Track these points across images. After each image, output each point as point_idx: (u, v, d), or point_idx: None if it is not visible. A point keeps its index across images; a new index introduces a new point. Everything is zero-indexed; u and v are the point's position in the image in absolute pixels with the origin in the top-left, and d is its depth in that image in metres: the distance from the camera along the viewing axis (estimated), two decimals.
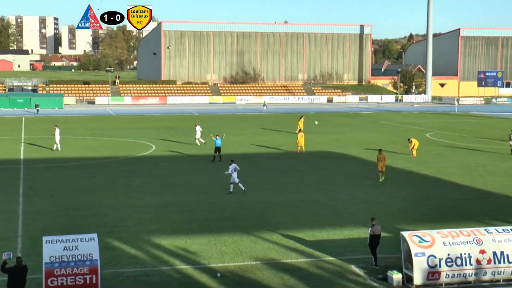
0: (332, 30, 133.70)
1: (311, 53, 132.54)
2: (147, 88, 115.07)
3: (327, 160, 46.05)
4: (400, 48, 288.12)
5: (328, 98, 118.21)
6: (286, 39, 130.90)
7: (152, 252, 23.09)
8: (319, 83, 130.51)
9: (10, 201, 30.86)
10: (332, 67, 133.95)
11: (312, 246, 23.89)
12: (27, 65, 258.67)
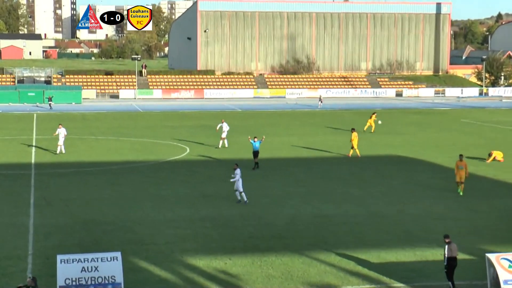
0: (402, 10, 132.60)
1: (377, 37, 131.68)
2: (180, 79, 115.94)
3: (396, 166, 45.68)
4: (486, 30, 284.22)
5: (396, 92, 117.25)
6: (346, 21, 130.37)
7: (186, 274, 23.23)
8: (386, 74, 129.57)
9: (19, 213, 31.44)
10: (402, 54, 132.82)
11: (377, 269, 23.72)
12: (40, 52, 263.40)
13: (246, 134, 61.29)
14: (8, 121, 72.38)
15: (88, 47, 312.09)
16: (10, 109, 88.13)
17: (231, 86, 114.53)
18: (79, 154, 49.81)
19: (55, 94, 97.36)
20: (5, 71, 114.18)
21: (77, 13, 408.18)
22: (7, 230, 28.48)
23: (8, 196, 35.10)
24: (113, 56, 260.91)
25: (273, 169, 43.90)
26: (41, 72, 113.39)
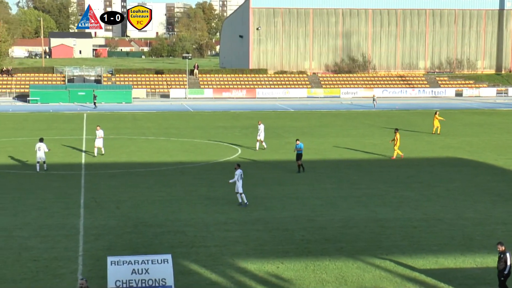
0: (463, 6, 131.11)
1: (436, 34, 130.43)
2: (231, 78, 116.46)
3: (456, 168, 45.28)
4: None
5: (456, 91, 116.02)
6: (404, 18, 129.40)
7: (237, 278, 23.40)
8: (446, 73, 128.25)
9: (70, 214, 32.02)
10: (462, 52, 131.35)
11: (435, 275, 23.58)
12: (90, 51, 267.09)
13: (299, 135, 61.39)
14: (59, 121, 73.59)
15: (138, 46, 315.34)
16: (61, 108, 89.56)
17: (284, 86, 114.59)
18: (129, 154, 50.46)
19: (105, 94, 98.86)
20: (55, 70, 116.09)
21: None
22: (58, 231, 29.03)
23: (59, 197, 35.75)
24: (164, 54, 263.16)
25: (327, 171, 43.88)
26: (91, 71, 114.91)
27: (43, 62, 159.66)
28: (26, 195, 36.07)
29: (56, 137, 59.20)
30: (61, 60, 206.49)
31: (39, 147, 43.34)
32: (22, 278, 23.10)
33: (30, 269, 23.98)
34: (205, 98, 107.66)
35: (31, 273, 23.64)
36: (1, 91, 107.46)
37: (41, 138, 44.70)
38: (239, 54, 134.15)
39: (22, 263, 24.58)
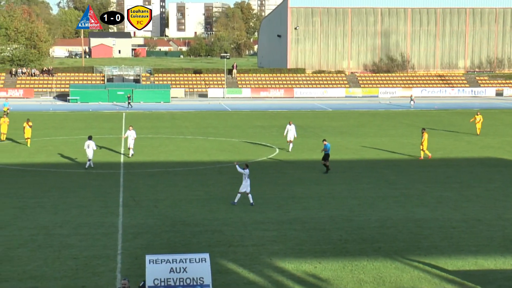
0: (504, 4, 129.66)
1: (476, 33, 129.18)
2: (269, 78, 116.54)
3: (496, 169, 44.84)
4: None
5: (497, 91, 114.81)
6: (443, 17, 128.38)
7: (274, 277, 23.43)
8: (486, 72, 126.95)
9: (109, 213, 32.30)
10: (503, 51, 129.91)
11: (474, 277, 23.38)
12: (129, 50, 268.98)
13: (337, 134, 61.30)
14: (98, 120, 74.24)
15: (176, 45, 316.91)
16: (100, 108, 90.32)
17: (322, 85, 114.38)
18: (167, 154, 50.74)
19: (144, 94, 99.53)
20: (95, 70, 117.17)
21: (166, 11, 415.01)
22: (97, 229, 29.31)
23: (98, 195, 36.08)
24: (202, 54, 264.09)
25: (364, 171, 43.73)
26: (130, 71, 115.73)
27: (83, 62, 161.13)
28: (66, 193, 36.46)
29: (95, 136, 59.63)
30: (101, 60, 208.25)
31: (88, 144, 44.05)
32: (62, 276, 23.36)
33: (70, 267, 24.24)
34: (243, 97, 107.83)
35: (71, 271, 23.90)
36: (42, 91, 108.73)
37: (89, 136, 45.44)
38: (277, 54, 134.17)
39: (62, 261, 24.86)
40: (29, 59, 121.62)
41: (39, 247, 26.51)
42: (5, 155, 49.32)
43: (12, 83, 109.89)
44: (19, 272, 23.66)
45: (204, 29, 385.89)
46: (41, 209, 32.96)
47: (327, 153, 43.07)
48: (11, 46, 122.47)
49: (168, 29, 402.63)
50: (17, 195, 35.98)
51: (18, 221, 30.54)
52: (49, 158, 48.28)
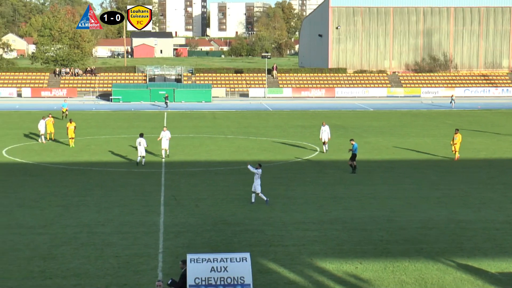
0: None
1: None
2: (310, 77, 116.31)
3: None
4: None
5: None
6: (487, 15, 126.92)
7: (315, 278, 23.39)
8: None
9: (150, 212, 32.52)
10: None
11: None
12: (171, 50, 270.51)
13: (378, 134, 61.01)
14: (140, 119, 74.73)
15: (218, 45, 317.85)
16: (142, 107, 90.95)
17: (363, 85, 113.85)
18: (209, 153, 50.92)
19: (185, 93, 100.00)
20: (137, 70, 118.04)
21: (207, 11, 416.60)
22: (138, 228, 29.53)
23: (140, 194, 36.35)
24: (243, 54, 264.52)
25: (406, 171, 43.44)
26: (172, 71, 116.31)
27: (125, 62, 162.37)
28: (109, 192, 36.78)
29: (137, 135, 60.07)
30: (143, 60, 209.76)
31: (140, 142, 44.62)
32: (104, 274, 23.58)
33: (112, 265, 24.46)
34: (284, 97, 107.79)
35: (113, 269, 24.11)
36: (85, 90, 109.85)
37: (141, 134, 46.00)
38: (318, 53, 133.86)
39: (104, 259, 25.09)
40: (72, 59, 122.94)
41: (82, 245, 26.79)
42: (49, 154, 49.93)
43: (56, 83, 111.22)
44: (63, 269, 23.94)
45: (245, 29, 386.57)
46: (84, 207, 33.32)
47: (355, 153, 42.87)
48: (55, 46, 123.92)
49: (210, 29, 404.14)
50: (61, 193, 36.42)
51: (62, 219, 30.91)
52: (92, 157, 48.76)
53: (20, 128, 65.38)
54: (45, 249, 26.30)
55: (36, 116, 75.76)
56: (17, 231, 28.93)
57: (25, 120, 72.38)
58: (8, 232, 28.67)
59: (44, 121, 56.09)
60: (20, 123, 69.70)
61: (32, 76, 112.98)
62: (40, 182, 39.57)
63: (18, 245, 26.89)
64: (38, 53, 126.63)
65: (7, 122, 70.55)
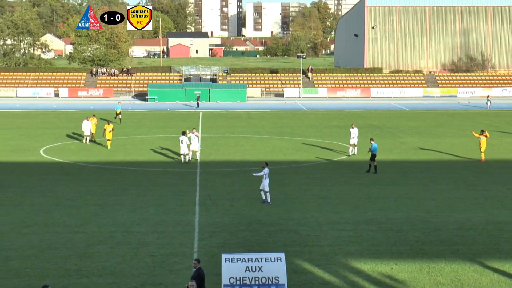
0: None
1: None
2: (346, 77, 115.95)
3: None
4: None
5: None
6: None
7: (350, 278, 23.32)
8: None
9: (185, 211, 32.65)
10: None
11: None
12: (206, 50, 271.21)
13: (414, 134, 60.68)
14: (175, 119, 75.03)
15: (253, 45, 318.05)
16: (177, 107, 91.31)
17: (399, 85, 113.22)
18: (243, 153, 50.98)
19: (220, 93, 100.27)
20: (172, 70, 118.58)
21: (243, 11, 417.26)
22: (174, 227, 29.66)
23: (175, 194, 36.50)
24: (278, 54, 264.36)
25: (442, 172, 43.12)
26: (207, 70, 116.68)
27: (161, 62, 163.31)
28: (144, 192, 36.99)
29: (172, 135, 60.39)
30: (178, 60, 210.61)
31: (182, 140, 45.01)
32: (140, 273, 23.73)
33: (148, 264, 24.60)
34: (319, 97, 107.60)
35: (148, 268, 24.25)
36: (121, 90, 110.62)
37: (183, 132, 46.30)
38: (354, 53, 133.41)
39: (139, 258, 25.24)
40: (109, 59, 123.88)
41: (118, 244, 26.98)
42: (85, 153, 50.37)
43: (93, 83, 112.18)
44: (99, 268, 24.13)
45: (281, 29, 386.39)
46: (120, 206, 33.55)
47: (374, 154, 42.72)
48: (92, 47, 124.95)
49: (245, 29, 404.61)
50: (97, 193, 36.71)
51: (98, 218, 31.16)
52: (127, 157, 49.08)
53: (57, 127, 66.06)
54: (81, 248, 26.54)
55: (73, 116, 76.59)
56: (55, 229, 29.23)
57: (62, 120, 73.11)
58: (45, 231, 28.98)
59: (89, 122, 55.45)
60: (57, 123, 70.41)
61: (69, 76, 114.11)
62: (77, 181, 39.94)
63: (56, 243, 27.17)
64: (75, 53, 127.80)
65: (45, 122, 71.29)
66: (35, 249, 26.42)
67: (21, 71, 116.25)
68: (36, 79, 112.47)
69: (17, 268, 24.15)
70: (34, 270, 23.96)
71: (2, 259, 25.10)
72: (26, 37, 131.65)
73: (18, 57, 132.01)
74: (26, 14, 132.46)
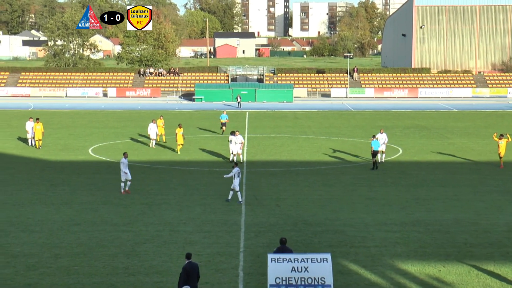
0: None
1: None
2: (393, 77, 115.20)
3: None
4: None
5: None
6: None
7: (397, 280, 23.16)
8: None
9: (231, 211, 32.74)
10: None
11: None
12: (253, 50, 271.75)
13: (463, 135, 60.06)
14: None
15: (300, 45, 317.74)
16: (224, 107, 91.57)
17: (447, 85, 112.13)
18: (290, 153, 50.94)
19: (267, 93, 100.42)
20: (219, 70, 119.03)
21: (289, 11, 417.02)
22: (220, 227, 29.76)
23: (221, 194, 36.55)
24: (325, 54, 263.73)
25: (491, 173, 42.58)
26: (254, 71, 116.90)
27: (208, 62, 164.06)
28: (191, 191, 37.18)
29: (219, 134, 60.62)
30: (225, 60, 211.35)
31: (231, 139, 45.06)
32: None
33: None
34: (366, 97, 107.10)
35: None
36: (168, 90, 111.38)
37: (232, 132, 46.38)
38: (402, 53, 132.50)
39: None
40: (156, 59, 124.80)
41: (165, 243, 27.16)
42: (133, 152, 50.75)
43: (140, 83, 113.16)
44: (146, 266, 24.33)
45: (328, 29, 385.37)
46: (167, 205, 33.77)
47: (374, 151, 43.56)
48: (140, 47, 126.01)
49: (292, 29, 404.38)
50: (144, 191, 37.01)
51: (145, 217, 31.41)
52: (174, 156, 49.36)
53: (106, 127, 66.75)
54: (128, 246, 26.78)
55: (121, 116, 77.34)
56: (102, 228, 29.55)
57: (110, 120, 73.85)
58: (94, 229, 29.31)
59: (155, 124, 53.44)
60: (105, 122, 71.15)
61: (117, 76, 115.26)
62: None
63: (103, 241, 27.46)
64: (123, 53, 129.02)
65: (93, 121, 72.08)
66: (83, 247, 26.74)
67: (70, 71, 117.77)
68: (85, 79, 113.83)
69: (67, 266, 24.47)
70: (82, 268, 24.25)
71: (52, 257, 25.46)
72: (75, 37, 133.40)
73: (68, 57, 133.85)
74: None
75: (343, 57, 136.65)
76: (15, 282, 22.95)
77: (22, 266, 24.46)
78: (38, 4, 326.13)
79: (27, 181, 39.83)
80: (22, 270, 24.00)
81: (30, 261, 24.93)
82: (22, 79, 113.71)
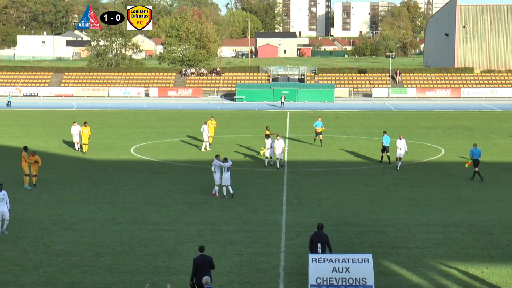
0: None
1: None
2: (436, 77, 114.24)
3: None
4: None
5: None
6: None
7: (439, 281, 22.99)
8: None
9: (273, 211, 32.76)
10: None
11: None
12: (294, 50, 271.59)
13: (506, 136, 59.44)
14: (263, 119, 75.28)
15: (341, 45, 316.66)
16: (265, 107, 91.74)
17: (491, 85, 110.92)
18: (331, 153, 50.83)
19: (308, 93, 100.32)
20: (260, 70, 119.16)
21: (331, 10, 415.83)
22: (261, 227, 29.80)
23: (262, 193, 36.67)
24: (367, 53, 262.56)
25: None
26: (295, 70, 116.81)
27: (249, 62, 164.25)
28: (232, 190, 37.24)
29: (260, 134, 60.68)
30: (266, 60, 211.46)
31: (271, 144, 44.87)
32: (227, 271, 23.92)
33: (235, 263, 24.79)
34: (408, 97, 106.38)
35: (235, 266, 24.43)
36: (210, 90, 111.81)
37: (267, 135, 46.36)
38: (444, 53, 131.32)
39: (227, 257, 25.45)
40: (198, 59, 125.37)
41: (206, 243, 27.22)
42: (175, 152, 51.11)
43: (182, 83, 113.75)
44: (187, 266, 24.42)
45: (369, 28, 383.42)
46: (208, 205, 33.90)
47: (384, 146, 45.07)
48: (182, 47, 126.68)
49: (333, 29, 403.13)
50: (185, 191, 37.21)
51: (186, 217, 31.57)
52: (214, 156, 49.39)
53: (147, 127, 67.22)
54: (170, 246, 26.94)
55: (163, 115, 77.86)
56: (144, 227, 29.76)
57: (152, 119, 74.34)
58: (136, 228, 29.54)
59: (206, 126, 52.38)
60: (147, 122, 71.64)
61: (159, 76, 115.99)
62: (166, 180, 40.55)
63: (145, 240, 27.67)
64: (165, 53, 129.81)
65: (135, 121, 72.63)
66: (125, 245, 26.97)
67: (113, 71, 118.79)
68: (127, 79, 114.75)
69: (109, 264, 24.70)
70: (124, 267, 24.46)
71: (95, 255, 25.72)
72: (118, 38, 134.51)
73: (110, 57, 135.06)
74: None
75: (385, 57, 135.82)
76: (58, 280, 23.23)
77: (65, 264, 24.76)
78: (82, 5, 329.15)
79: (70, 180, 40.30)
80: (65, 268, 24.29)
81: (73, 260, 25.22)
82: (66, 79, 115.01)
